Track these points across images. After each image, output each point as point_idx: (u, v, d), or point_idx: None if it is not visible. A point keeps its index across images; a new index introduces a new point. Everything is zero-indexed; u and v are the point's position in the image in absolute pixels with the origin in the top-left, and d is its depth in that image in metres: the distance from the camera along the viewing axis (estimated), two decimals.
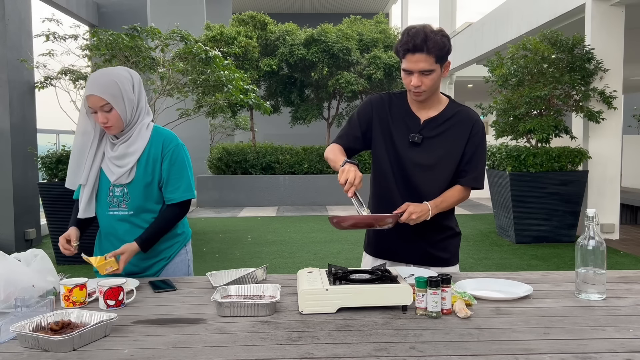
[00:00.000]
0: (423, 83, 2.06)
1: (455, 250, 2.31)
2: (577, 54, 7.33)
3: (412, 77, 2.05)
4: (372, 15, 15.50)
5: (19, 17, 7.20)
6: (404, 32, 2.06)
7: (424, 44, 2.00)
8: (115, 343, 1.48)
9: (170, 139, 2.21)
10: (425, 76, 2.05)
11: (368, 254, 2.38)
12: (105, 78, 2.05)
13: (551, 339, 1.48)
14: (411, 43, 2.00)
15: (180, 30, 7.32)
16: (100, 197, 2.19)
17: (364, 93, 12.94)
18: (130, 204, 2.17)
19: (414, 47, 2.01)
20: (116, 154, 2.14)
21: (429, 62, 2.02)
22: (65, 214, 5.97)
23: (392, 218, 1.96)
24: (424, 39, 2.00)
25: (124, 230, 2.18)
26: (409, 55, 2.03)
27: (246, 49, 11.75)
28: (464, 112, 2.21)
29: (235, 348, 1.44)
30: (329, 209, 11.20)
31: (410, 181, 2.18)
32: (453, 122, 2.18)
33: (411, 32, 2.03)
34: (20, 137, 7.11)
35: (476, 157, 2.19)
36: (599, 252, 1.81)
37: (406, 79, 2.09)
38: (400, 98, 2.24)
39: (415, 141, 2.16)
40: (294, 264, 6.19)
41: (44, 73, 6.79)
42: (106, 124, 2.08)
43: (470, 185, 2.20)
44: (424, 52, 2.01)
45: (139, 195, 2.17)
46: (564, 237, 7.25)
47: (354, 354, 1.39)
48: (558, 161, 7.16)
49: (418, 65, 2.03)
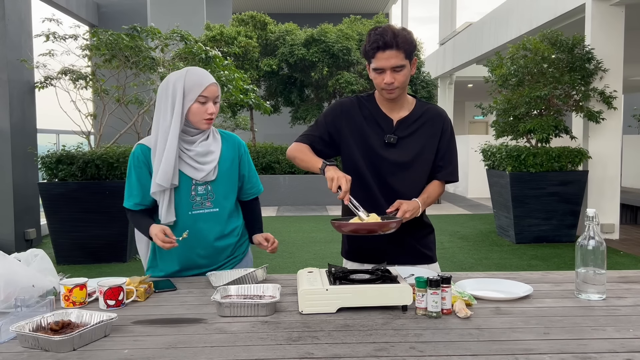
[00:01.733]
0: (395, 80, 2.08)
1: (434, 246, 2.36)
2: (577, 54, 7.33)
3: (385, 75, 2.07)
4: (372, 15, 15.50)
5: (19, 17, 7.20)
6: (369, 33, 2.08)
7: (393, 40, 2.02)
8: (115, 343, 1.48)
9: (239, 138, 2.33)
10: (397, 72, 2.07)
11: (350, 260, 2.34)
12: (205, 70, 2.15)
13: (551, 339, 1.48)
14: (381, 41, 2.02)
15: (180, 30, 7.31)
16: (180, 198, 2.15)
17: None
18: (214, 201, 2.18)
19: (384, 44, 2.02)
20: (200, 151, 2.14)
21: (399, 57, 2.05)
22: (65, 214, 6.00)
23: (397, 223, 1.95)
24: (393, 36, 2.03)
25: (208, 229, 2.17)
26: (379, 53, 2.05)
27: (246, 49, 11.75)
28: (433, 109, 2.26)
29: (235, 348, 1.44)
30: (329, 209, 11.20)
31: (388, 181, 2.19)
32: (424, 120, 2.22)
33: (378, 30, 2.05)
34: (20, 137, 7.11)
35: (449, 152, 2.25)
36: (599, 252, 1.81)
37: (378, 78, 2.10)
38: (369, 100, 2.25)
39: (390, 142, 2.18)
40: (294, 264, 6.18)
41: (44, 73, 6.79)
42: (212, 115, 2.12)
43: (447, 179, 2.25)
44: (394, 48, 2.03)
45: (223, 192, 2.20)
46: (564, 237, 7.25)
47: (354, 354, 1.39)
48: (558, 161, 7.16)
49: (389, 62, 2.05)
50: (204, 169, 2.14)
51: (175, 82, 2.10)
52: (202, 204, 2.17)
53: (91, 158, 5.96)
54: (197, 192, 2.16)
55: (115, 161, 6.01)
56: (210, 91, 2.11)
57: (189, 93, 2.08)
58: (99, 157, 5.98)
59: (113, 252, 6.14)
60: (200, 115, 2.10)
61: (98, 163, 5.96)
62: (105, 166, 5.98)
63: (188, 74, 2.10)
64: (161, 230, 2.04)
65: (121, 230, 6.13)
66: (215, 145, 2.19)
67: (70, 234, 6.02)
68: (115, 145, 6.78)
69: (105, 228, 6.06)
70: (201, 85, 2.09)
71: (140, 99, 7.44)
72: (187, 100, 2.09)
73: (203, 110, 2.10)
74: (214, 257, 2.23)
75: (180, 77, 2.10)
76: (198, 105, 2.09)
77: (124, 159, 6.09)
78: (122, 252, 6.18)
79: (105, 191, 5.99)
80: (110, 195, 6.01)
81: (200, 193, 2.16)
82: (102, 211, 6.00)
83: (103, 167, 5.98)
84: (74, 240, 6.03)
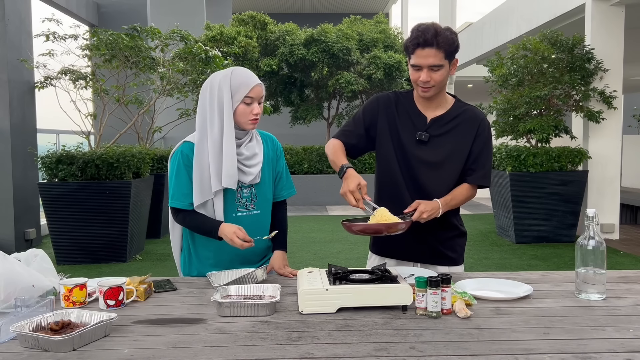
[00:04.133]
0: (432, 78, 2.07)
1: (461, 250, 2.32)
2: (577, 54, 7.33)
3: (421, 73, 2.07)
4: (372, 15, 15.50)
5: (19, 17, 7.20)
6: (414, 28, 2.07)
7: (434, 39, 2.01)
8: (115, 343, 1.48)
9: (274, 138, 2.33)
10: (434, 71, 2.06)
11: (374, 253, 2.37)
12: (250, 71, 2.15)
13: (551, 339, 1.48)
14: (422, 38, 2.02)
15: (180, 30, 7.32)
16: (227, 200, 2.15)
17: (364, 93, 12.95)
18: (257, 203, 2.20)
19: (424, 41, 2.02)
20: (248, 154, 2.15)
21: (438, 57, 2.04)
22: (65, 214, 5.99)
23: (405, 224, 1.93)
24: (434, 34, 2.02)
25: (249, 231, 2.16)
26: (418, 50, 2.04)
27: (246, 49, 11.75)
28: (470, 111, 2.22)
29: (235, 348, 1.44)
30: (329, 209, 11.20)
31: (418, 179, 2.18)
32: (459, 121, 2.19)
33: (421, 27, 2.04)
34: (20, 137, 7.11)
35: (483, 155, 2.20)
36: (599, 252, 1.81)
37: (415, 74, 2.10)
38: (407, 97, 2.25)
39: (422, 139, 2.17)
40: (294, 264, 6.15)
41: (44, 73, 6.79)
42: (257, 116, 2.11)
43: (477, 183, 2.21)
44: (434, 46, 2.02)
45: (264, 194, 2.22)
46: (564, 237, 7.25)
47: (354, 354, 1.39)
48: (558, 161, 7.16)
49: (427, 60, 2.04)
50: (251, 172, 2.14)
51: (220, 82, 2.08)
52: (246, 206, 2.18)
53: (91, 158, 5.95)
54: (243, 195, 2.17)
55: (115, 161, 6.01)
56: (255, 92, 2.09)
57: (235, 94, 2.08)
58: (99, 157, 5.98)
59: (113, 252, 6.14)
60: (246, 116, 2.09)
61: (98, 163, 5.96)
62: (105, 166, 5.98)
63: (233, 74, 2.09)
64: (238, 229, 2.02)
65: (121, 230, 6.13)
66: (259, 147, 2.20)
67: (70, 234, 6.02)
68: (115, 145, 6.78)
69: (105, 228, 6.06)
70: (247, 86, 2.08)
71: (140, 99, 7.44)
72: (234, 102, 2.08)
73: (249, 110, 2.09)
74: (251, 258, 2.24)
75: (225, 78, 2.09)
76: (244, 106, 2.08)
77: (123, 159, 6.08)
78: (122, 252, 6.18)
79: (105, 191, 5.99)
80: (110, 195, 6.01)
81: (245, 195, 2.18)
82: (102, 211, 5.99)
83: (103, 167, 5.98)
84: (74, 240, 6.03)
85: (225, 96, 2.07)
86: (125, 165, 6.10)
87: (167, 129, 8.24)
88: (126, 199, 6.05)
